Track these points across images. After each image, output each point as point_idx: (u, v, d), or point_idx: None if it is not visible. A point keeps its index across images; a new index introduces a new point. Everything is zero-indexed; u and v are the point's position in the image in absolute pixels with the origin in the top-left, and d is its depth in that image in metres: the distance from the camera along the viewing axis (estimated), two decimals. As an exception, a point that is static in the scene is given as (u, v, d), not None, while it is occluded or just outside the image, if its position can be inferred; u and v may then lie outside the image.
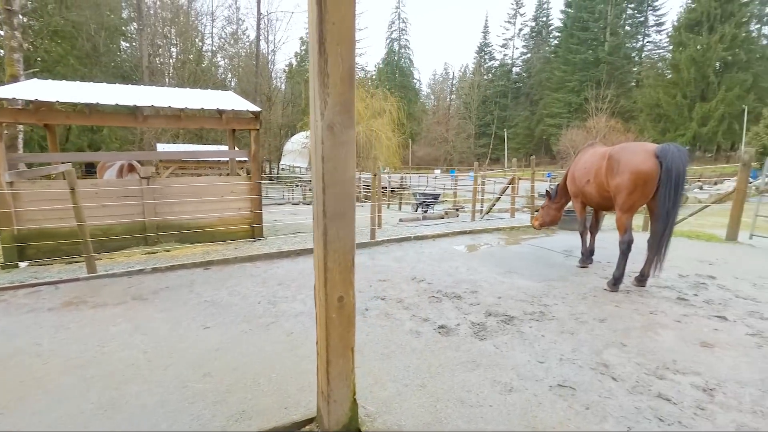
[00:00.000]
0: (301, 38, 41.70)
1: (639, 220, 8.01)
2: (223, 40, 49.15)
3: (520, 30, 70.50)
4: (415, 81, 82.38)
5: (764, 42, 44.97)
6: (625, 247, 4.35)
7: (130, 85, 11.27)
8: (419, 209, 14.82)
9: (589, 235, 5.39)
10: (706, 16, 40.64)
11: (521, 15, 69.78)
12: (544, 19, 68.35)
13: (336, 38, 1.63)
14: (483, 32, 73.58)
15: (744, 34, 40.72)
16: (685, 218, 7.36)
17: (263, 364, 2.88)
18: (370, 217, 7.02)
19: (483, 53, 73.68)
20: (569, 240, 7.16)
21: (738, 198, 6.49)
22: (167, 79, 42.71)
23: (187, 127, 13.67)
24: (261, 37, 47.57)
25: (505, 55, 72.58)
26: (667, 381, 2.66)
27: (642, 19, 57.19)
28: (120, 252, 6.46)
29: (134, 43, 40.86)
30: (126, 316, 3.80)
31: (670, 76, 44.86)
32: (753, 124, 34.17)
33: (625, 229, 4.37)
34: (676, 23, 45.66)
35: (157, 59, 39.68)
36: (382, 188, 20.20)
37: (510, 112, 69.17)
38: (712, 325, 3.57)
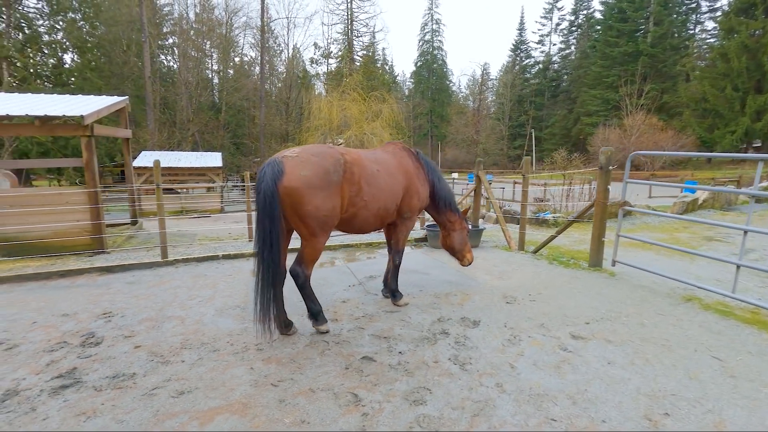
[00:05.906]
0: (315, 44, 41.74)
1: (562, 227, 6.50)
2: (256, 50, 50.98)
3: (558, 25, 66.47)
4: (450, 83, 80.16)
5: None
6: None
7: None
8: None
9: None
10: (762, -4, 35.64)
11: (558, 9, 65.81)
12: (585, 12, 63.86)
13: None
14: (518, 29, 70.14)
15: (810, 15, 35.27)
16: (554, 236, 5.81)
17: None
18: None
19: (518, 51, 70.26)
20: (405, 261, 5.96)
21: (598, 212, 4.93)
22: (212, 92, 45.47)
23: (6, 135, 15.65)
24: (283, 45, 48.74)
25: (541, 51, 68.81)
26: None
27: (693, 5, 51.63)
28: None
29: (169, 56, 43.43)
30: None
31: (718, 66, 39.84)
32: (815, 118, 29.34)
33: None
34: (727, 8, 40.66)
35: (200, 72, 42.25)
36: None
37: (546, 111, 65.37)
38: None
